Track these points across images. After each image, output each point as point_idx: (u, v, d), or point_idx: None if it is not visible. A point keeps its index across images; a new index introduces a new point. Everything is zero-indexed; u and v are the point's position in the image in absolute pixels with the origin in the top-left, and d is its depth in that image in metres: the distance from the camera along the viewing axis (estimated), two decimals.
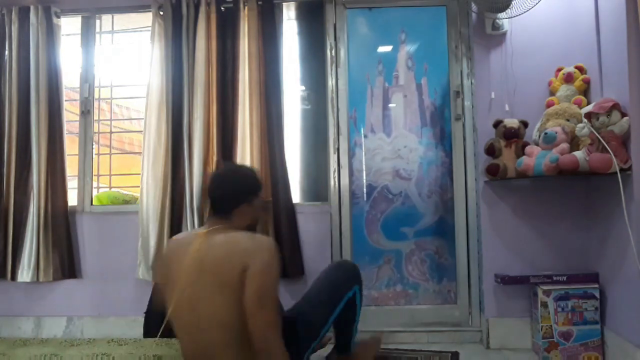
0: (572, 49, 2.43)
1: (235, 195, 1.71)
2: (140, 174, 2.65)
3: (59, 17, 2.80)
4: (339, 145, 2.69)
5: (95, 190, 2.87)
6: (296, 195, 2.73)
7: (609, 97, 2.08)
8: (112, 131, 3.10)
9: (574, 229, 2.41)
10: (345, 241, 2.64)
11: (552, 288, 2.23)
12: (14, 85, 2.73)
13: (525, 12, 2.31)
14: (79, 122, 2.84)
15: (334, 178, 2.67)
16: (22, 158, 2.71)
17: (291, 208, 2.58)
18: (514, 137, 2.33)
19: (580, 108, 2.28)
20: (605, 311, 2.21)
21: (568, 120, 2.24)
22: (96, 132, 2.89)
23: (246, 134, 2.58)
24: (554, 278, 2.25)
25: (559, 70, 2.41)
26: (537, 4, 2.28)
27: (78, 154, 2.82)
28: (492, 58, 2.52)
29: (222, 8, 2.69)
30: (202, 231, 1.66)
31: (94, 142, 2.86)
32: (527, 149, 2.28)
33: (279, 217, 2.55)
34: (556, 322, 2.21)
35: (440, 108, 2.71)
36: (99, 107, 2.94)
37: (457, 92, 2.65)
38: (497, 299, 2.44)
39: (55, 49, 2.76)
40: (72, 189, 2.81)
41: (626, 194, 1.94)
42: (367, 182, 2.71)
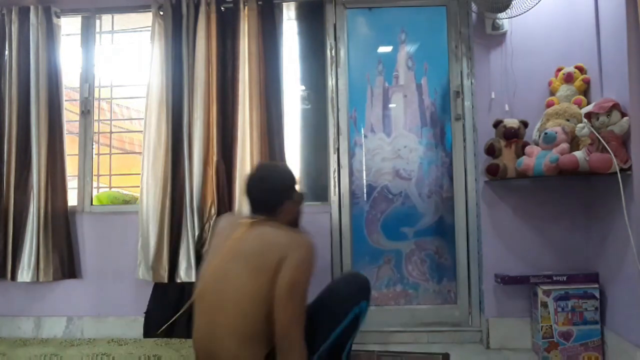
0: (572, 49, 2.43)
1: (277, 195, 1.74)
2: (140, 174, 2.65)
3: (59, 17, 2.80)
4: (339, 145, 2.69)
5: (95, 190, 2.87)
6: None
7: (609, 97, 2.08)
8: (112, 131, 3.10)
9: (574, 229, 2.41)
10: (345, 241, 2.64)
11: (552, 288, 2.23)
12: (14, 85, 2.73)
13: (525, 12, 2.31)
14: (79, 122, 2.84)
15: (334, 178, 2.67)
16: (22, 158, 2.71)
17: None
18: (514, 137, 2.33)
19: (580, 108, 2.28)
20: (605, 311, 2.21)
21: (568, 120, 2.24)
22: (96, 132, 2.89)
23: (246, 134, 2.58)
24: (554, 278, 2.25)
25: (559, 70, 2.41)
26: (537, 4, 2.28)
27: (78, 154, 2.82)
28: (492, 58, 2.52)
29: (222, 8, 2.69)
30: (248, 221, 1.70)
31: (94, 142, 2.86)
32: (527, 149, 2.28)
33: None
34: (556, 322, 2.21)
35: (440, 108, 2.71)
36: (99, 107, 2.94)
37: (457, 92, 2.65)
38: (497, 299, 2.44)
39: (55, 49, 2.76)
40: (72, 189, 2.81)
41: (626, 194, 1.94)
42: (367, 182, 2.71)
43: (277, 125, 2.63)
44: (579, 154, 2.07)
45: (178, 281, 2.56)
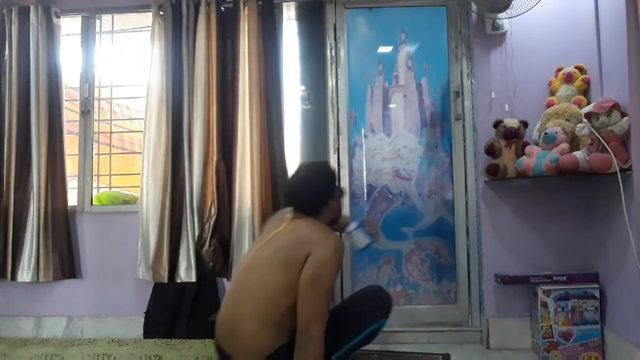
0: (572, 49, 2.43)
1: (320, 196, 1.80)
2: (140, 174, 2.65)
3: (59, 17, 2.80)
4: (339, 145, 2.69)
5: (95, 190, 2.87)
6: None
7: (609, 97, 2.08)
8: (112, 131, 3.10)
9: (574, 229, 2.41)
10: (345, 241, 2.64)
11: (552, 288, 2.23)
12: (14, 85, 2.73)
13: (525, 12, 2.31)
14: (79, 122, 2.84)
15: None
16: (22, 158, 2.71)
17: None
18: (514, 137, 2.33)
19: (580, 108, 2.28)
20: (605, 311, 2.21)
21: (568, 120, 2.24)
22: (96, 132, 2.89)
23: (246, 134, 2.58)
24: (554, 278, 2.25)
25: (559, 70, 2.41)
26: (537, 4, 2.28)
27: (78, 154, 2.82)
28: (492, 58, 2.52)
29: (222, 8, 2.69)
30: (290, 216, 1.81)
31: (94, 142, 2.86)
32: (527, 149, 2.28)
33: None
34: (556, 322, 2.21)
35: (440, 108, 2.71)
36: (99, 107, 2.94)
37: (457, 92, 2.65)
38: (497, 299, 2.44)
39: (55, 49, 2.76)
40: (72, 189, 2.81)
41: (626, 194, 1.94)
42: (367, 182, 2.71)
43: (277, 125, 2.63)
44: (579, 154, 2.07)
45: (178, 281, 2.56)
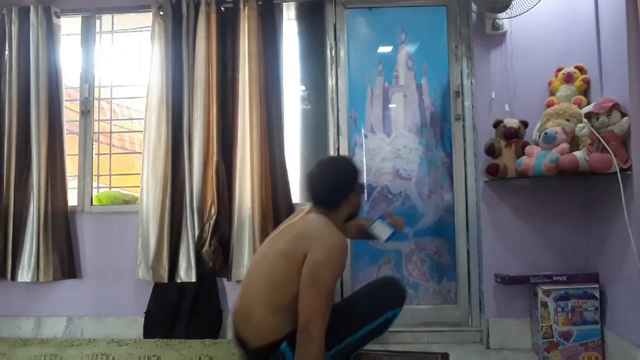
0: (572, 49, 2.43)
1: (340, 191, 1.79)
2: (140, 174, 2.65)
3: (59, 17, 2.80)
4: (339, 145, 2.69)
5: (95, 190, 2.87)
6: (296, 195, 2.73)
7: (609, 97, 2.08)
8: (112, 131, 3.10)
9: (574, 229, 2.41)
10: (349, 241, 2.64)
11: (552, 288, 2.23)
12: (14, 85, 2.73)
13: (525, 12, 2.31)
14: (79, 122, 2.84)
15: None
16: (22, 158, 2.71)
17: (291, 208, 2.57)
18: (514, 137, 2.33)
19: (580, 108, 2.28)
20: (605, 311, 2.21)
21: (568, 120, 2.24)
22: (96, 131, 2.89)
23: (246, 134, 2.58)
24: (554, 278, 2.25)
25: (559, 70, 2.41)
26: (537, 4, 2.28)
27: (78, 154, 2.82)
28: (492, 58, 2.52)
29: (222, 8, 2.69)
30: (306, 208, 1.84)
31: (94, 142, 2.86)
32: (527, 149, 2.28)
33: (279, 217, 2.54)
34: (556, 322, 2.21)
35: (440, 108, 2.71)
36: (99, 107, 2.94)
37: (457, 92, 2.65)
38: (497, 299, 2.44)
39: (55, 49, 2.76)
40: (72, 189, 2.81)
41: (626, 194, 1.94)
42: (367, 182, 2.70)
43: (277, 125, 2.63)
44: (579, 154, 2.07)
45: (178, 281, 2.56)
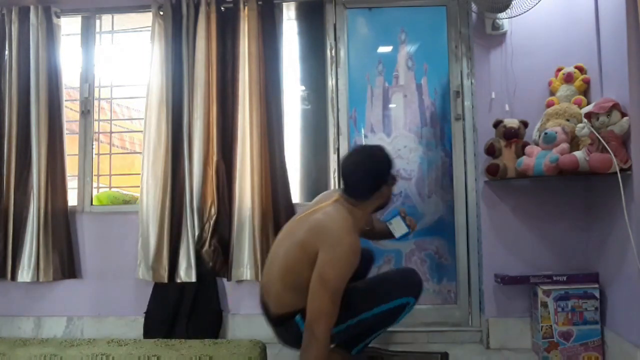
0: (572, 49, 2.43)
1: (372, 181, 1.79)
2: (141, 174, 2.65)
3: (59, 17, 2.80)
4: (339, 145, 2.69)
5: (95, 190, 2.87)
6: (296, 195, 2.73)
7: (609, 97, 2.08)
8: (112, 131, 3.10)
9: (574, 229, 2.41)
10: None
11: (552, 288, 2.23)
12: (14, 85, 2.73)
13: (525, 12, 2.31)
14: (79, 121, 2.84)
15: (334, 178, 2.67)
16: (22, 158, 2.71)
17: (291, 208, 2.57)
18: (514, 137, 2.33)
19: (580, 108, 2.28)
20: (605, 311, 2.21)
21: (568, 120, 2.24)
22: (96, 131, 2.89)
23: (246, 134, 2.58)
24: (554, 278, 2.25)
25: (559, 70, 2.41)
26: (537, 4, 2.28)
27: (78, 154, 2.82)
28: (492, 58, 2.52)
29: (222, 8, 2.69)
30: (336, 197, 1.84)
31: (94, 142, 2.86)
32: (527, 149, 2.28)
33: (279, 217, 2.55)
34: (556, 322, 2.21)
35: (440, 108, 2.71)
36: (99, 107, 2.94)
37: (457, 92, 2.65)
38: (497, 299, 2.44)
39: (55, 49, 2.76)
40: (72, 189, 2.81)
41: (626, 194, 1.94)
42: None
43: (277, 125, 2.63)
44: (579, 154, 2.07)
45: (178, 281, 2.56)
